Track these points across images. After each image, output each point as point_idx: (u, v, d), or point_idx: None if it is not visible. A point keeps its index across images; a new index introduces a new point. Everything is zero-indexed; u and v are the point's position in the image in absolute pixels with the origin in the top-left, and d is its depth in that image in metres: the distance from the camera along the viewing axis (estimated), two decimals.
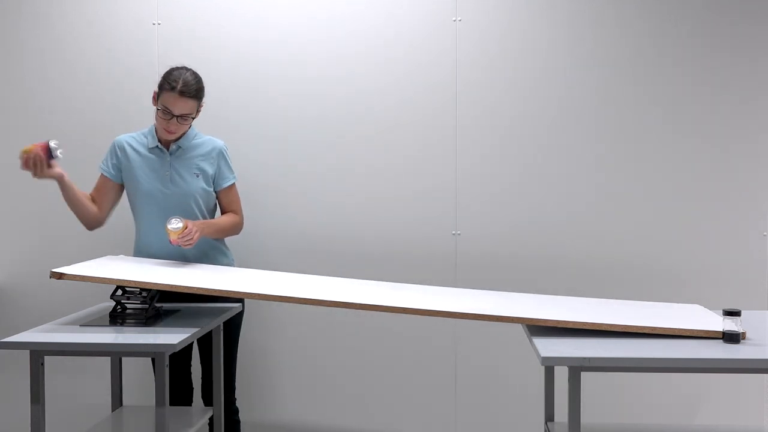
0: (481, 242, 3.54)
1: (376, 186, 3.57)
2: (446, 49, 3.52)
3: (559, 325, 2.41)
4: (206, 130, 3.60)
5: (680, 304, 2.89)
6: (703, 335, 2.33)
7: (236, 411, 3.25)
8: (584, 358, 2.14)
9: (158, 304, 2.83)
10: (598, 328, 2.39)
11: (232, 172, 3.19)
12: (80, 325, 2.62)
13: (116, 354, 2.90)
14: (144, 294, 2.71)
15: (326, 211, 3.58)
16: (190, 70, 3.03)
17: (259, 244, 3.58)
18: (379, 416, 3.62)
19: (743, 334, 2.29)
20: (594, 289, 3.35)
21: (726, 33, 3.45)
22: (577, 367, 2.16)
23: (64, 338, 2.47)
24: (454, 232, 3.55)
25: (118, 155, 3.10)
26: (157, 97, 3.00)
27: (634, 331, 2.36)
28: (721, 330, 2.30)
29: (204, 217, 3.13)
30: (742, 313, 2.32)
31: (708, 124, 3.47)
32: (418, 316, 2.62)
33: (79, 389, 3.66)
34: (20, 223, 3.68)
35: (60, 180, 2.93)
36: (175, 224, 2.86)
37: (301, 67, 3.57)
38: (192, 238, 2.88)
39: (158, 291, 2.75)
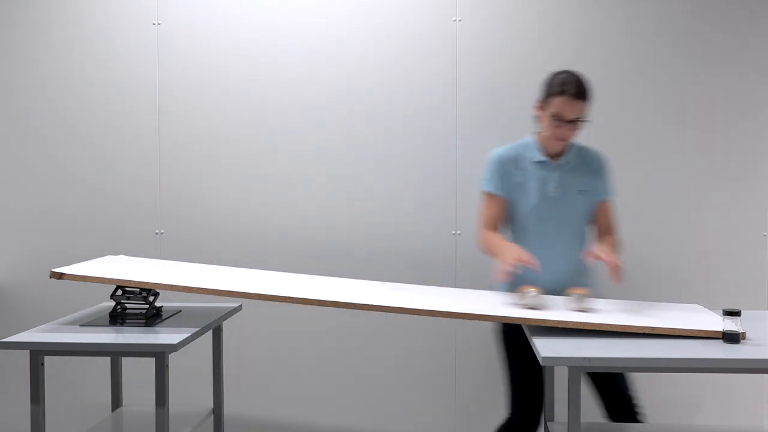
0: None
1: (376, 186, 3.57)
2: (446, 49, 3.52)
3: (559, 325, 2.41)
4: (206, 131, 3.62)
5: (680, 304, 2.88)
6: (703, 335, 2.33)
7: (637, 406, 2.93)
8: (584, 358, 2.14)
9: (158, 304, 2.83)
10: (598, 328, 2.38)
11: (611, 186, 2.94)
12: (80, 325, 2.62)
13: (116, 354, 2.90)
14: (144, 294, 2.71)
15: (326, 211, 3.58)
16: (573, 71, 2.81)
17: (259, 244, 3.58)
18: (379, 416, 3.62)
19: (743, 334, 2.29)
20: (594, 289, 3.34)
21: (727, 33, 3.45)
22: (577, 367, 2.16)
23: (64, 338, 2.47)
24: (454, 232, 3.55)
25: (503, 171, 2.86)
26: (542, 105, 2.81)
27: (634, 331, 2.36)
28: (721, 330, 2.30)
29: (580, 239, 2.89)
30: (742, 313, 2.32)
31: (708, 124, 3.47)
32: (418, 316, 2.62)
33: (79, 389, 3.66)
34: (20, 223, 3.68)
35: None
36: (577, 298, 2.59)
37: (301, 68, 3.57)
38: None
39: (158, 291, 2.75)
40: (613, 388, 2.86)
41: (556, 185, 2.84)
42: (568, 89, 2.74)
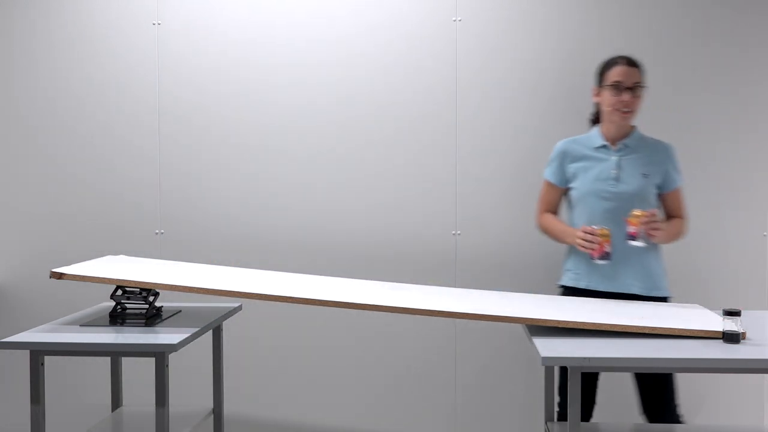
0: (481, 242, 3.54)
1: (377, 186, 3.57)
2: (446, 49, 3.52)
3: (559, 325, 2.41)
4: (206, 131, 3.61)
5: (680, 304, 2.89)
6: (703, 335, 2.33)
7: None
8: (584, 358, 2.14)
9: (158, 304, 2.83)
10: (598, 328, 2.39)
11: (679, 173, 3.01)
12: (80, 325, 2.62)
13: (116, 354, 2.90)
14: (144, 294, 2.71)
15: (326, 211, 3.58)
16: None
17: (259, 244, 3.58)
18: (379, 416, 3.62)
19: (743, 334, 2.29)
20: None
21: (726, 33, 3.45)
22: (577, 367, 2.16)
23: (64, 338, 2.47)
24: (454, 232, 3.55)
25: (562, 160, 3.02)
26: (599, 89, 2.98)
27: (634, 331, 2.36)
28: (721, 330, 2.30)
29: None
30: (742, 313, 2.32)
31: (708, 124, 3.47)
32: (418, 316, 2.62)
33: (79, 389, 3.66)
34: (20, 223, 3.68)
35: None
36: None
37: (301, 68, 3.57)
38: (658, 227, 2.75)
39: (158, 291, 2.75)
40: (656, 395, 2.91)
41: (614, 167, 2.94)
42: (621, 60, 2.94)
